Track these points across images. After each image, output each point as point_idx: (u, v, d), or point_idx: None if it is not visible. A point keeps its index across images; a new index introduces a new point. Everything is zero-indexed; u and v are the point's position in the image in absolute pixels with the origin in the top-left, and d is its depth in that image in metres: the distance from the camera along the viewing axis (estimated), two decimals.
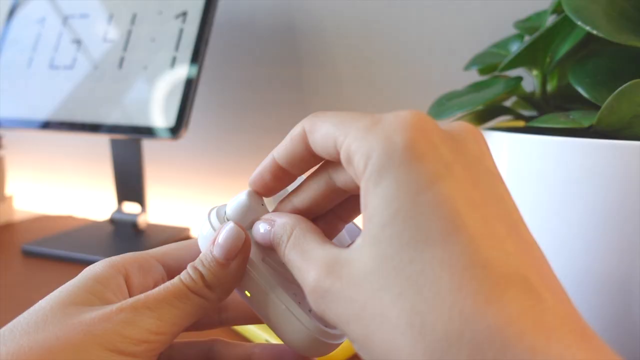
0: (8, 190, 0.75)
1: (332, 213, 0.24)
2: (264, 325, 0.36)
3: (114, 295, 0.22)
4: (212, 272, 0.22)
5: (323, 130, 0.19)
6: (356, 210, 0.24)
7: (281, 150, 0.22)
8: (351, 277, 0.17)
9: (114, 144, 0.63)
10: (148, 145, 0.76)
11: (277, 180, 0.23)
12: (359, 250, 0.17)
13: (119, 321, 0.20)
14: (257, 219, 0.23)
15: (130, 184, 0.63)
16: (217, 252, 0.22)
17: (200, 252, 0.23)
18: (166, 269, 0.25)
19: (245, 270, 0.22)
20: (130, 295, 0.23)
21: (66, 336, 0.19)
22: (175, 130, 0.53)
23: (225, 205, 0.24)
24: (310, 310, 0.22)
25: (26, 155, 0.91)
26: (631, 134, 0.29)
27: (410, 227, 0.16)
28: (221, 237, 0.22)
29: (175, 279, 0.22)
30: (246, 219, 0.23)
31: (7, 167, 0.75)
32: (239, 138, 0.72)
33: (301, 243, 0.20)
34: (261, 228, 0.22)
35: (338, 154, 0.19)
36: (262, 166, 0.23)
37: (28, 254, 0.57)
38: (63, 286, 0.22)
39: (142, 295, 0.21)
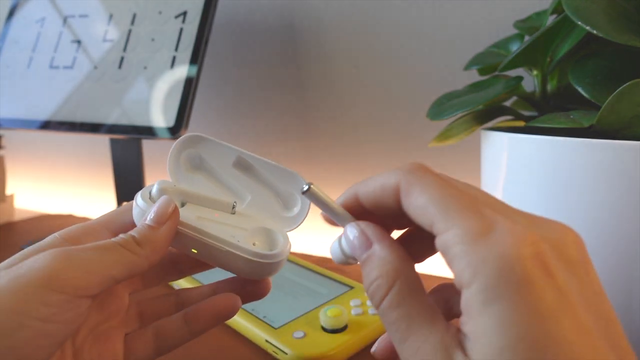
0: (8, 190, 0.75)
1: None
2: (264, 325, 0.36)
3: None
4: (141, 233, 0.24)
5: (420, 202, 0.19)
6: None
7: (368, 194, 0.21)
8: None
9: (114, 143, 0.63)
10: (148, 145, 0.76)
11: (356, 215, 0.23)
12: (472, 357, 0.17)
13: (48, 261, 0.21)
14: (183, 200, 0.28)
15: (130, 184, 0.63)
16: (149, 218, 0.25)
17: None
18: (111, 233, 0.27)
19: (184, 233, 0.25)
20: None
21: (7, 284, 0.21)
22: (175, 130, 0.53)
23: (149, 187, 0.28)
24: (245, 242, 0.26)
25: (26, 155, 0.91)
26: (631, 134, 0.29)
27: (531, 352, 0.15)
28: (155, 206, 0.25)
29: (108, 240, 0.24)
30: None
31: (7, 167, 0.75)
32: (239, 138, 0.72)
33: (408, 305, 0.19)
34: (355, 232, 0.21)
35: (430, 230, 0.19)
36: (341, 199, 0.23)
37: None
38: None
39: (74, 247, 0.23)
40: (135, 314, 0.28)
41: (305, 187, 0.22)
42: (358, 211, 0.22)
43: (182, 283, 0.44)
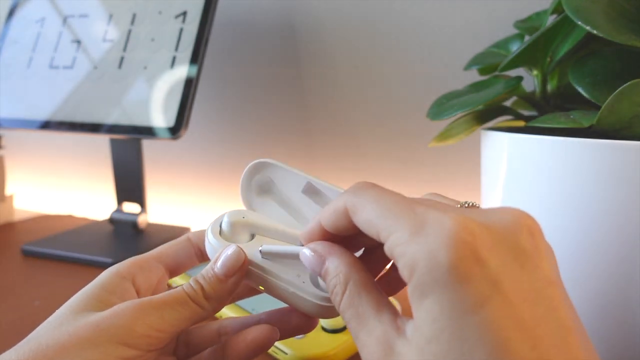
0: (8, 190, 0.75)
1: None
2: None
3: (120, 300, 0.25)
4: (211, 286, 0.25)
5: (365, 216, 0.20)
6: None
7: (326, 219, 0.23)
8: None
9: (114, 143, 0.63)
10: (148, 145, 0.76)
11: (327, 239, 0.24)
12: (407, 351, 0.18)
13: (127, 317, 0.23)
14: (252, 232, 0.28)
15: (130, 184, 0.63)
16: (218, 270, 0.25)
17: (192, 251, 0.29)
18: (164, 266, 0.28)
19: (252, 272, 0.26)
20: (139, 295, 0.26)
21: (77, 332, 0.22)
22: (175, 130, 0.53)
23: (220, 218, 0.28)
24: (313, 283, 0.26)
25: (26, 155, 0.91)
26: (631, 134, 0.29)
27: (454, 350, 0.16)
28: (223, 257, 0.25)
29: (179, 288, 0.25)
30: (240, 234, 0.28)
31: (7, 167, 0.75)
32: (239, 138, 0.72)
33: (356, 304, 0.21)
34: (309, 256, 0.23)
35: (379, 240, 0.20)
36: (309, 231, 0.24)
37: (28, 254, 0.57)
38: (74, 295, 0.25)
39: (148, 297, 0.24)
40: (183, 343, 0.29)
41: (259, 253, 0.25)
42: (326, 237, 0.24)
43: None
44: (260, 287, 0.26)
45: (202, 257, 0.29)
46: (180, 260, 0.29)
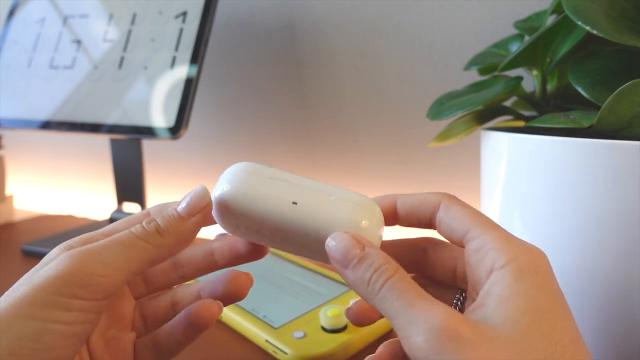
0: (8, 190, 0.75)
1: None
2: (264, 325, 0.36)
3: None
4: (167, 221, 0.23)
5: (459, 214, 0.23)
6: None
7: (408, 201, 0.25)
8: (486, 337, 0.19)
9: (114, 143, 0.63)
10: (148, 145, 0.76)
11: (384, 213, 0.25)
12: (490, 317, 0.20)
13: (62, 268, 0.21)
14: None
15: (130, 184, 0.63)
16: (181, 207, 0.24)
17: None
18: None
19: (279, 184, 0.24)
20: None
21: (10, 294, 0.21)
22: (175, 130, 0.53)
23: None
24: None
25: (26, 155, 0.91)
26: (631, 134, 0.29)
27: (548, 324, 0.19)
28: (189, 194, 0.24)
29: (125, 230, 0.23)
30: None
31: (7, 167, 0.75)
32: (239, 138, 0.72)
33: (409, 281, 0.21)
34: (344, 236, 0.22)
35: (462, 237, 0.23)
36: (380, 197, 0.26)
37: (28, 254, 0.57)
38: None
39: (88, 245, 0.22)
40: (139, 316, 0.28)
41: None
42: (388, 215, 0.25)
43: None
44: (293, 202, 0.23)
45: None
46: None
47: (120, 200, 0.64)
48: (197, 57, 0.54)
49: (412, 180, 0.63)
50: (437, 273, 0.27)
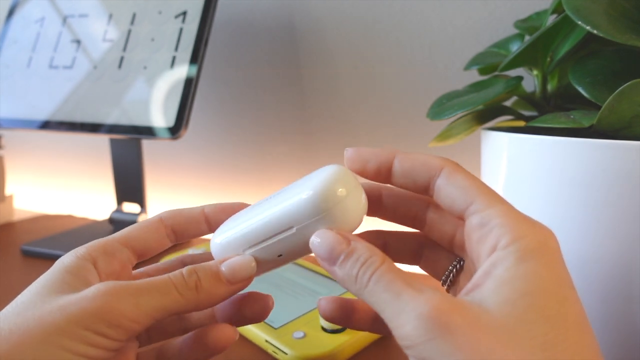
0: (8, 190, 0.75)
1: None
2: (263, 325, 0.36)
3: (83, 284, 0.23)
4: (209, 282, 0.23)
5: (464, 183, 0.22)
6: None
7: (408, 159, 0.23)
8: (478, 321, 0.18)
9: (114, 143, 0.63)
10: (148, 145, 0.76)
11: (373, 172, 0.24)
12: (486, 300, 0.19)
13: (97, 302, 0.21)
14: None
15: (130, 184, 0.63)
16: (227, 271, 0.24)
17: (163, 233, 0.27)
18: (131, 250, 0.26)
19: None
20: (100, 281, 0.24)
21: (42, 317, 0.20)
22: (175, 130, 0.53)
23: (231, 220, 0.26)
24: None
25: (26, 155, 0.91)
26: (631, 134, 0.29)
27: (550, 306, 0.18)
28: (238, 264, 0.24)
29: (164, 276, 0.23)
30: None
31: (7, 167, 0.75)
32: (239, 138, 0.72)
33: (397, 271, 0.20)
34: (330, 234, 0.22)
35: (463, 209, 0.21)
36: (376, 153, 0.24)
37: (28, 254, 0.57)
38: (37, 279, 0.23)
39: (125, 282, 0.22)
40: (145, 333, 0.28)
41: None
42: (382, 171, 0.24)
43: None
44: (279, 255, 0.24)
45: (176, 238, 0.27)
46: (149, 243, 0.26)
47: (120, 200, 0.64)
48: (197, 57, 0.54)
49: None
50: (434, 236, 0.26)
